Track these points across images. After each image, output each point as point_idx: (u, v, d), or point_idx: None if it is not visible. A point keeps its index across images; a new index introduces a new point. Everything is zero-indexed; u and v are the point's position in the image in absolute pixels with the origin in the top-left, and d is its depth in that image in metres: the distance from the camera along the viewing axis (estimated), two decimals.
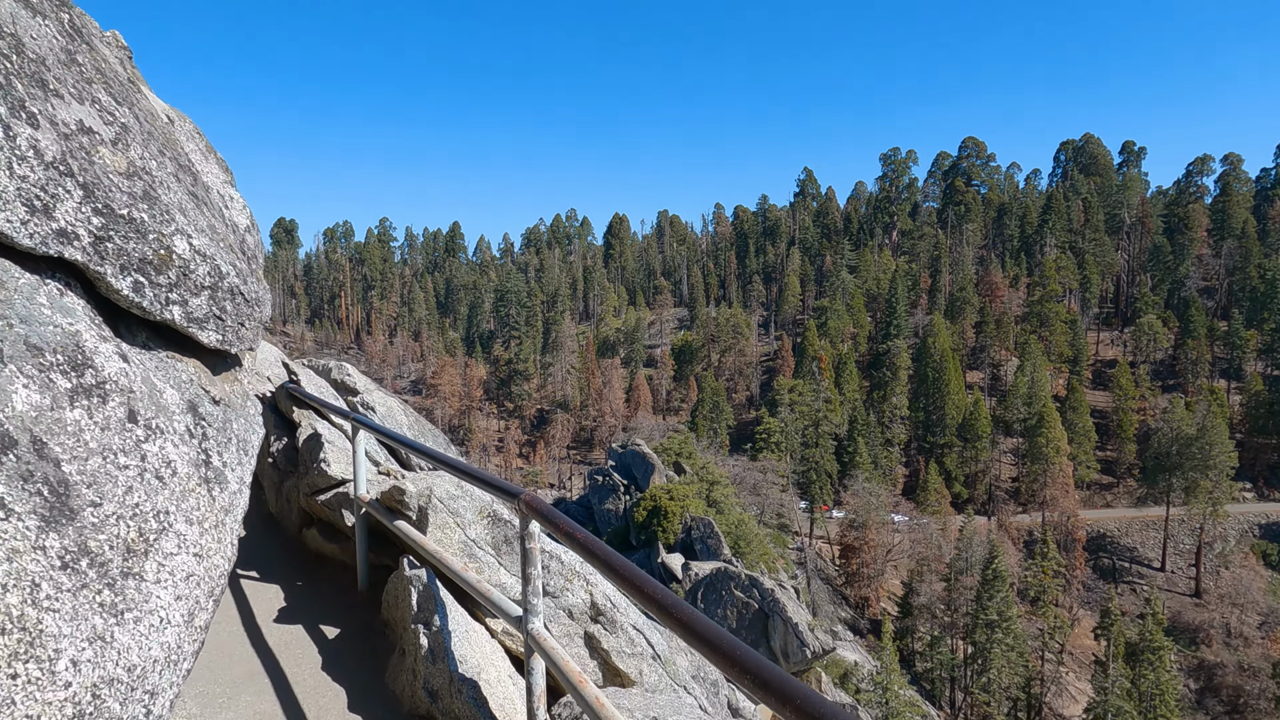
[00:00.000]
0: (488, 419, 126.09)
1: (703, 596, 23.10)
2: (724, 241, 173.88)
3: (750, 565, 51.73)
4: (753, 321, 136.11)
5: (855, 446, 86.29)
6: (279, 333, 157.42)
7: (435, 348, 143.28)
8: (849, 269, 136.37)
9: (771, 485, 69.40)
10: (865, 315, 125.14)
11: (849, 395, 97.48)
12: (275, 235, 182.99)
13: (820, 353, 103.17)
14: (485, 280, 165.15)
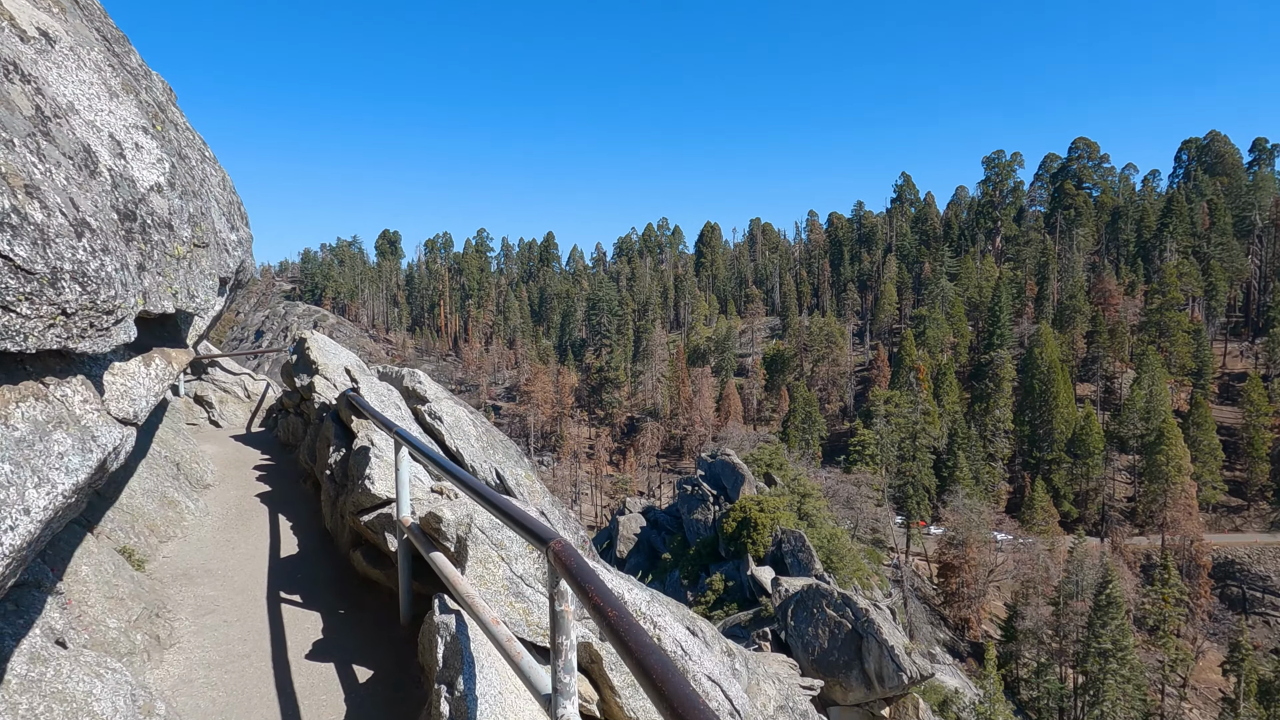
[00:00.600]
0: (579, 426, 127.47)
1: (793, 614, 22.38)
2: (817, 249, 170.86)
3: (843, 581, 50.28)
4: (847, 330, 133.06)
5: (955, 461, 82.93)
6: (382, 340, 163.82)
7: (529, 355, 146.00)
8: (949, 276, 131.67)
9: (866, 499, 67.48)
10: (966, 324, 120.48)
11: (949, 407, 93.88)
12: (379, 246, 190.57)
13: (918, 363, 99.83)
14: (578, 289, 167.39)
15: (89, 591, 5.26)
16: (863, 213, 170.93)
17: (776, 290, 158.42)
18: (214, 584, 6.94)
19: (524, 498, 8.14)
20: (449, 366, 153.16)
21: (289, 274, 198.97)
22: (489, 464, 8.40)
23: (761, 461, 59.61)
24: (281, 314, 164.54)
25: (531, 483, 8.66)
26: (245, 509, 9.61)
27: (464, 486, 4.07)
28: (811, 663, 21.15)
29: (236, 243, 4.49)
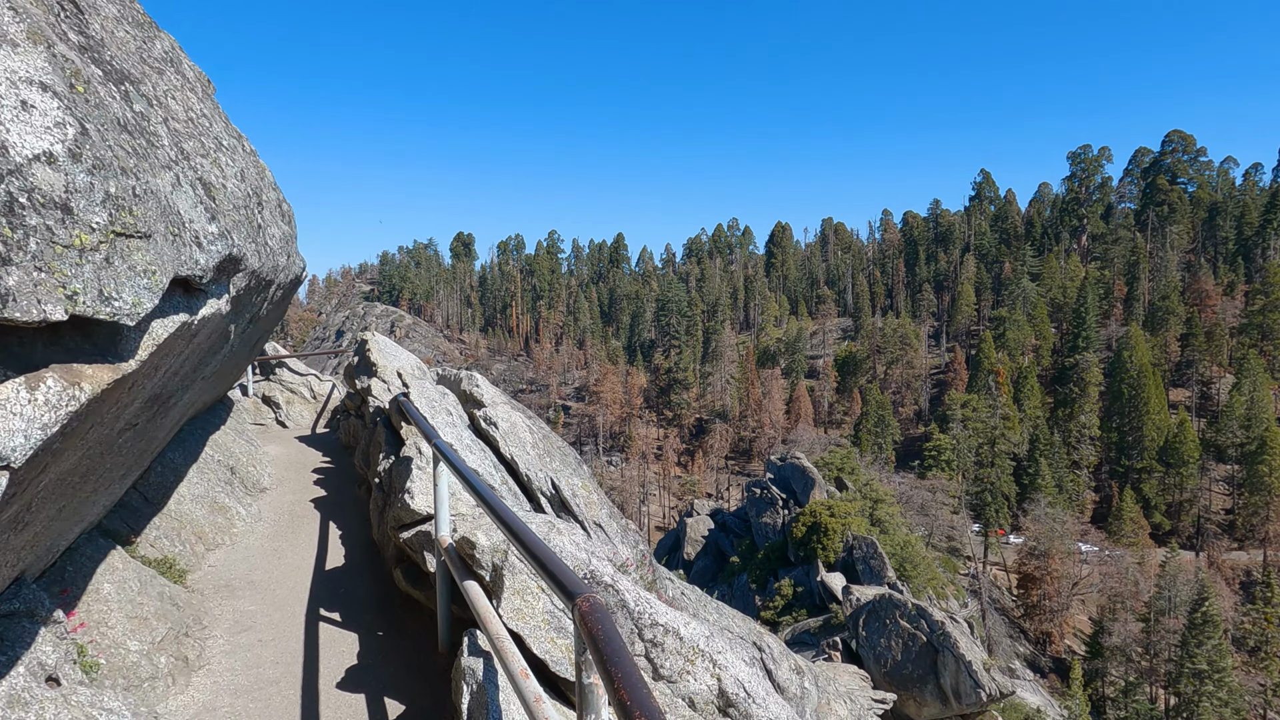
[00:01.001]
0: (647, 427, 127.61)
1: (864, 624, 21.76)
2: (891, 249, 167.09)
3: (917, 590, 48.93)
4: (922, 332, 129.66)
5: (1037, 467, 79.81)
6: (456, 340, 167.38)
7: (598, 355, 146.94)
8: (1030, 276, 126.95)
9: (941, 506, 65.57)
10: (1049, 326, 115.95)
11: (1029, 412, 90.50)
12: (454, 248, 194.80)
13: (998, 366, 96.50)
14: (647, 290, 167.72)
15: (110, 612, 5.04)
16: (939, 211, 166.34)
17: (849, 291, 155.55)
18: (255, 597, 6.80)
19: (580, 509, 7.78)
20: (520, 366, 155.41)
21: (368, 275, 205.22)
22: (545, 473, 8.13)
23: (833, 465, 58.56)
24: (361, 314, 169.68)
25: (589, 493, 8.24)
26: (298, 515, 9.54)
27: (493, 514, 3.64)
28: (884, 675, 20.50)
29: (217, 235, 3.70)
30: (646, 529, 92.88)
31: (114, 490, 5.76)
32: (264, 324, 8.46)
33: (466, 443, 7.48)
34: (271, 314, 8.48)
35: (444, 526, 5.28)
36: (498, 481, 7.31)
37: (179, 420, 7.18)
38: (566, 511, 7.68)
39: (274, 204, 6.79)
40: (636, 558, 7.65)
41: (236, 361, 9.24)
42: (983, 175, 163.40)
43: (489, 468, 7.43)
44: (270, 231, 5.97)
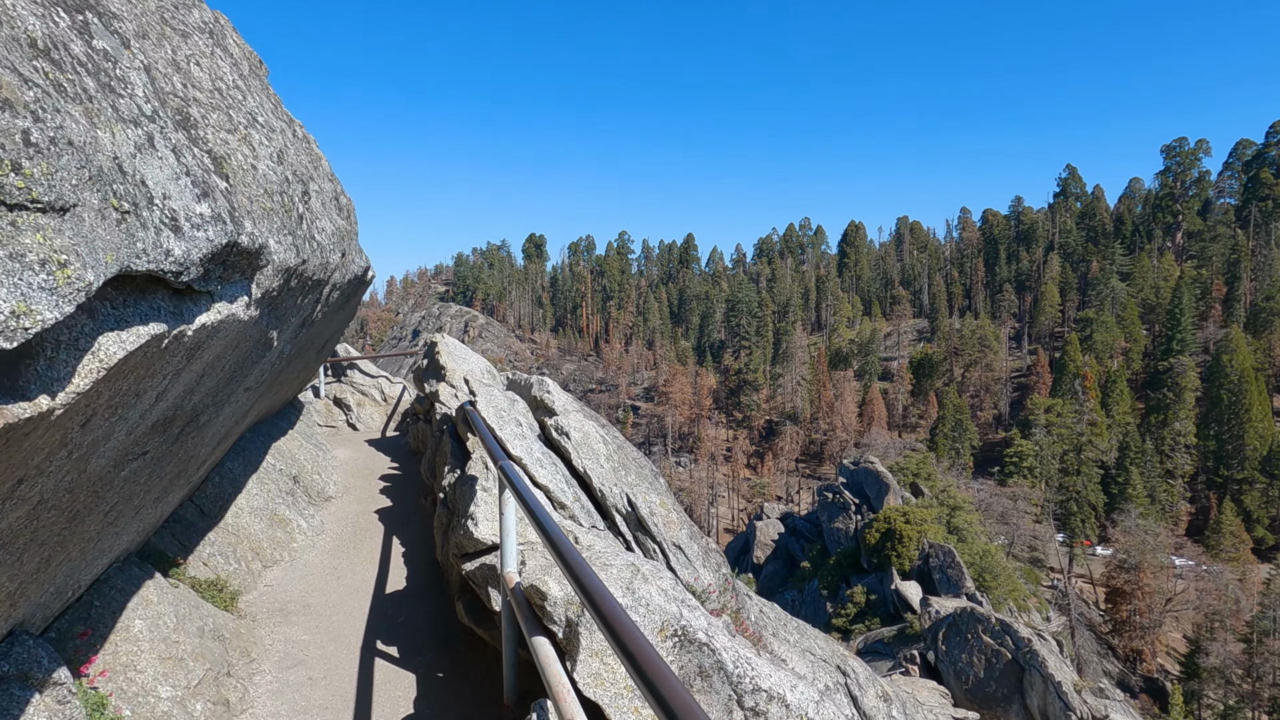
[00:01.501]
0: (716, 428, 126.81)
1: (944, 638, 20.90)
2: (970, 248, 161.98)
3: (997, 602, 47.18)
4: (1002, 334, 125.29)
5: (1127, 476, 76.11)
6: (527, 340, 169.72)
7: (667, 356, 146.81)
8: (1120, 276, 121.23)
9: (1023, 514, 63.17)
10: (1140, 328, 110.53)
11: (1118, 418, 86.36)
12: (526, 249, 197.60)
13: (1085, 369, 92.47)
14: (717, 290, 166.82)
15: (140, 653, 4.61)
16: (1021, 209, 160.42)
17: (925, 291, 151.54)
18: (309, 624, 6.44)
19: (658, 529, 7.28)
20: (590, 366, 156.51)
21: (443, 276, 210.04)
22: (620, 488, 7.71)
23: (908, 471, 57.04)
24: (436, 314, 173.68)
25: (667, 512, 7.65)
26: (361, 528, 9.28)
27: (564, 567, 3.00)
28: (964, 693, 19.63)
29: (211, 217, 3.03)
30: (715, 531, 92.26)
31: (148, 515, 5.32)
32: (324, 327, 7.93)
33: (537, 455, 7.11)
34: (333, 316, 7.97)
35: (510, 561, 4.68)
36: (570, 498, 6.87)
37: (230, 432, 6.81)
38: (643, 531, 7.26)
39: (328, 196, 6.21)
40: (719, 583, 7.20)
41: (300, 367, 8.89)
42: (1069, 171, 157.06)
43: (560, 483, 6.99)
44: (320, 225, 5.32)
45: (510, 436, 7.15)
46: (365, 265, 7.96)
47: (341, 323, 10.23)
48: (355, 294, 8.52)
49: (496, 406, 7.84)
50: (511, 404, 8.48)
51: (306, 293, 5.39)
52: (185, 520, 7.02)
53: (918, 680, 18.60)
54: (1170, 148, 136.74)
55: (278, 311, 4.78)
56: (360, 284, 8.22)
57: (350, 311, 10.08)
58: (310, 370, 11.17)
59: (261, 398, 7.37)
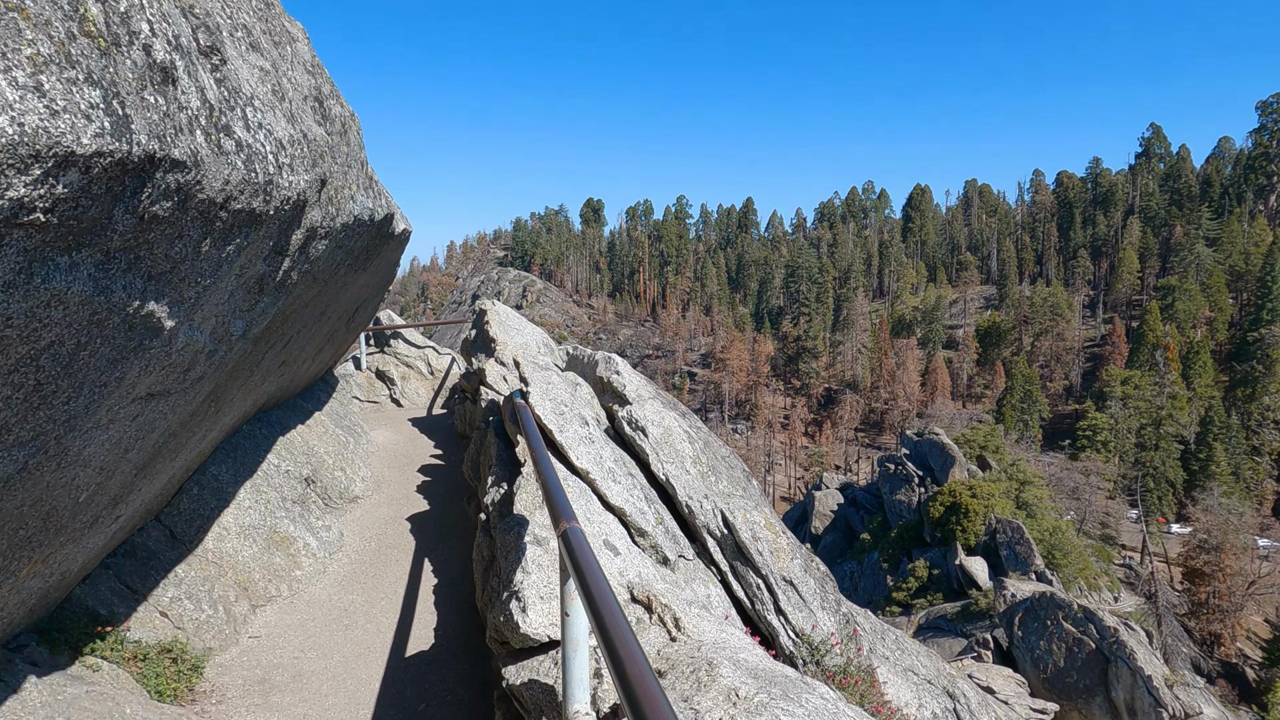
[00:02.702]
0: (774, 395, 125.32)
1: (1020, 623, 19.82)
2: (1042, 212, 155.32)
3: (1067, 581, 45.52)
4: (1075, 302, 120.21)
5: (1209, 452, 72.42)
6: (585, 305, 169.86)
7: (725, 323, 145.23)
8: (1206, 241, 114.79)
9: (1095, 490, 60.68)
10: (1226, 296, 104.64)
11: (1200, 391, 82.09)
12: (583, 214, 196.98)
13: (1166, 339, 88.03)
14: (776, 256, 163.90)
15: None
16: (1099, 171, 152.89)
17: (993, 257, 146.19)
18: (296, 709, 4.83)
19: (764, 557, 5.93)
20: (646, 332, 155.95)
21: (502, 241, 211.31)
22: (712, 502, 6.27)
23: (975, 443, 55.19)
24: (495, 279, 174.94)
25: (775, 536, 6.09)
26: (388, 543, 7.76)
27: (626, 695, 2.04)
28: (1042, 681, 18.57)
29: None
30: (772, 500, 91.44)
31: (71, 556, 4.18)
32: (326, 291, 6.06)
33: (608, 466, 5.80)
34: (346, 277, 6.31)
35: (579, 698, 3.17)
36: (650, 520, 5.61)
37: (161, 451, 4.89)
38: (744, 560, 5.85)
39: (298, 88, 4.42)
40: (839, 626, 5.85)
41: (312, 340, 7.34)
42: (1152, 130, 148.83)
43: (638, 500, 5.73)
44: (260, 118, 3.41)
45: (573, 439, 5.84)
46: (387, 212, 6.24)
47: (375, 287, 8.81)
48: (379, 250, 6.80)
49: (555, 399, 6.39)
50: (573, 391, 7.06)
51: (230, 235, 3.35)
52: (145, 551, 5.51)
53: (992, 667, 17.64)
54: (1267, 104, 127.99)
55: (147, 266, 2.85)
56: (383, 237, 6.59)
57: (384, 273, 8.61)
58: (340, 343, 9.77)
59: (244, 388, 5.81)
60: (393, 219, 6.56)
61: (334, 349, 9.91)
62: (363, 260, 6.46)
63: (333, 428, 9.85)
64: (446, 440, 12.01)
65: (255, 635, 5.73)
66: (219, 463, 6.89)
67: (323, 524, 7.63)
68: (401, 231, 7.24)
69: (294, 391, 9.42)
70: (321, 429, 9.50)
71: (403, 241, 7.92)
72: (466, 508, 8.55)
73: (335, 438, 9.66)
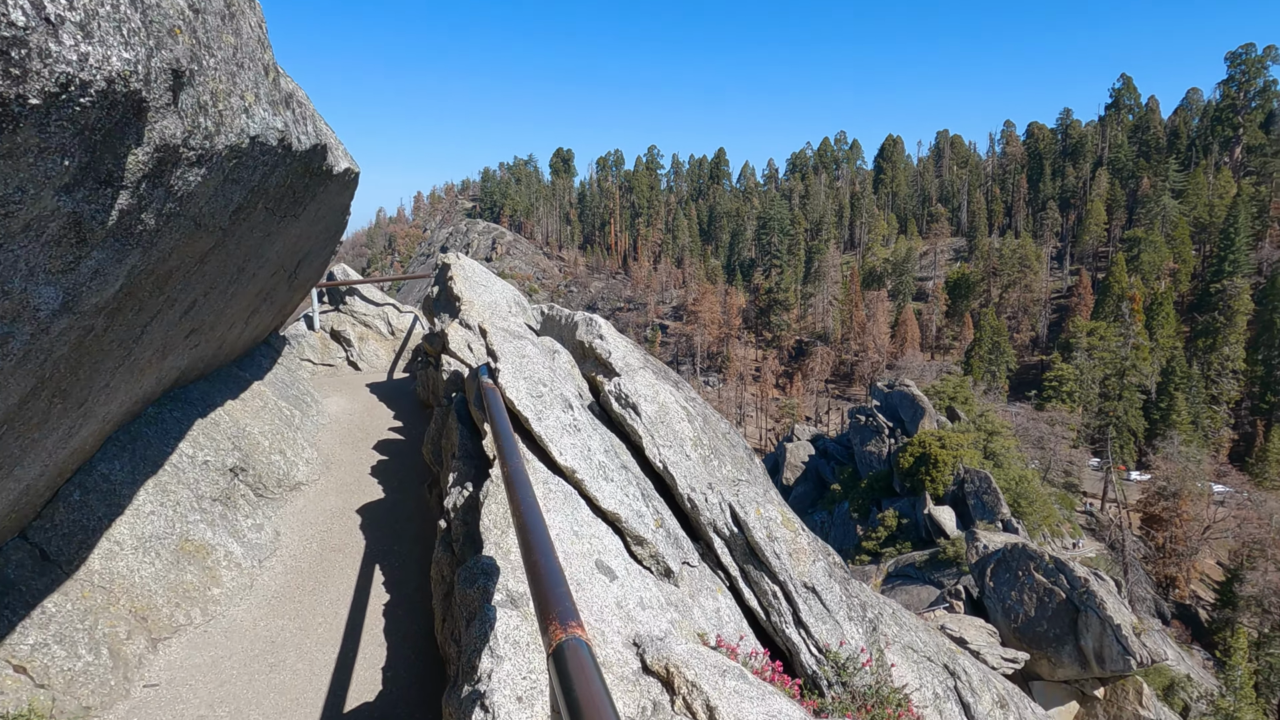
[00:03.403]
0: (745, 348, 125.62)
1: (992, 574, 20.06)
2: (1013, 163, 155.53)
3: (1031, 528, 46.50)
4: (1044, 253, 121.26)
5: (1170, 402, 74.01)
6: (555, 257, 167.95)
7: (697, 275, 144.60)
8: (1173, 193, 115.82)
9: (1060, 439, 61.80)
10: (1190, 248, 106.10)
11: (1163, 342, 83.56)
12: (553, 164, 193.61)
13: (1132, 291, 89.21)
14: (748, 207, 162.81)
15: None
16: (1069, 122, 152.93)
17: (964, 209, 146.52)
18: None
19: (781, 559, 5.06)
20: (618, 284, 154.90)
21: (470, 192, 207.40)
22: (717, 495, 5.34)
23: (944, 394, 55.70)
24: (463, 231, 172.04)
25: (794, 535, 5.17)
26: (331, 546, 6.44)
27: None
28: (1013, 631, 18.82)
29: None
30: None
31: None
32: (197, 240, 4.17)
33: (598, 460, 4.86)
34: (241, 220, 4.63)
35: None
36: (649, 525, 4.67)
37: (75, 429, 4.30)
38: (758, 564, 4.95)
39: None
40: (866, 638, 5.03)
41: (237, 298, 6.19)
42: (1123, 81, 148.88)
43: (634, 499, 4.80)
44: None
45: (555, 429, 4.84)
46: (317, 142, 4.97)
47: (320, 237, 7.65)
48: (312, 193, 5.62)
49: (531, 377, 5.25)
50: (551, 363, 5.97)
51: None
52: (2, 581, 4.28)
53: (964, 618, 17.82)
54: (1235, 55, 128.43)
55: None
56: (316, 176, 5.38)
57: (330, 222, 7.51)
58: (282, 302, 8.64)
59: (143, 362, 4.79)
60: (325, 152, 5.24)
61: (275, 309, 8.76)
62: (289, 204, 5.27)
63: (274, 400, 8.68)
64: (408, 409, 10.98)
65: (153, 684, 4.45)
66: (112, 458, 5.48)
67: (252, 523, 6.32)
68: (343, 171, 6.08)
69: (226, 359, 8.22)
70: (259, 403, 8.27)
71: (347, 184, 6.74)
72: (428, 495, 7.41)
73: (276, 412, 8.46)
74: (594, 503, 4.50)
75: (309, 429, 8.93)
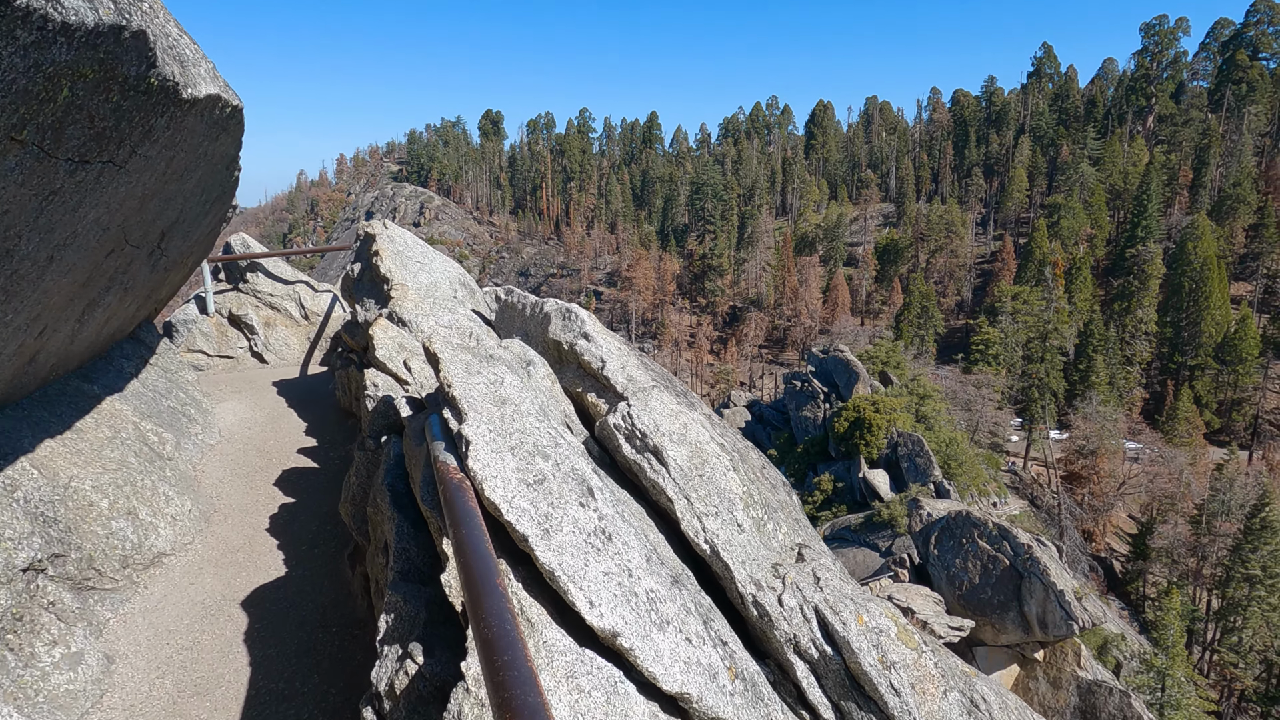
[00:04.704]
0: (680, 314, 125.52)
1: (936, 542, 20.14)
2: (940, 130, 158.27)
3: (961, 489, 47.60)
4: (969, 219, 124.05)
5: (1089, 363, 76.85)
6: (486, 222, 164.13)
7: (630, 240, 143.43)
8: (1090, 161, 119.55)
9: (986, 402, 63.47)
10: (1105, 214, 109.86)
11: (1080, 305, 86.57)
12: (482, 127, 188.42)
13: (1054, 256, 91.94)
14: (681, 172, 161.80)
15: None
16: (993, 90, 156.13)
17: (892, 175, 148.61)
18: None
19: (904, 701, 3.12)
20: (551, 250, 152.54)
21: (396, 155, 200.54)
22: (793, 595, 3.49)
23: (877, 359, 56.42)
24: (390, 195, 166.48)
25: (915, 654, 3.20)
26: (191, 688, 4.00)
27: None
28: (957, 599, 18.96)
29: None
30: None
31: None
32: None
33: (645, 589, 2.84)
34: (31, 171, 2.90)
35: None
36: (722, 677, 2.81)
37: None
38: (862, 698, 3.07)
39: None
40: None
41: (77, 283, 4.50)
42: (1044, 49, 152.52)
43: (693, 630, 2.87)
44: None
45: (572, 549, 2.73)
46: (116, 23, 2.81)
47: (195, 197, 5.59)
48: (153, 127, 3.66)
49: (522, 445, 3.07)
50: (525, 382, 3.83)
51: None
52: None
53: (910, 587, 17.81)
54: (1150, 25, 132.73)
55: None
56: (154, 97, 3.44)
57: (206, 177, 5.38)
58: (143, 285, 6.46)
59: None
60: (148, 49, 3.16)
61: (136, 296, 6.54)
62: (91, 141, 3.20)
63: (133, 424, 6.28)
64: (325, 417, 8.77)
65: None
66: None
67: (62, 654, 3.81)
68: (207, 99, 4.02)
69: (52, 375, 5.81)
70: (104, 433, 5.77)
71: (219, 122, 4.70)
72: (349, 575, 5.19)
73: (132, 444, 5.96)
74: (649, 678, 2.60)
75: (187, 457, 6.76)
